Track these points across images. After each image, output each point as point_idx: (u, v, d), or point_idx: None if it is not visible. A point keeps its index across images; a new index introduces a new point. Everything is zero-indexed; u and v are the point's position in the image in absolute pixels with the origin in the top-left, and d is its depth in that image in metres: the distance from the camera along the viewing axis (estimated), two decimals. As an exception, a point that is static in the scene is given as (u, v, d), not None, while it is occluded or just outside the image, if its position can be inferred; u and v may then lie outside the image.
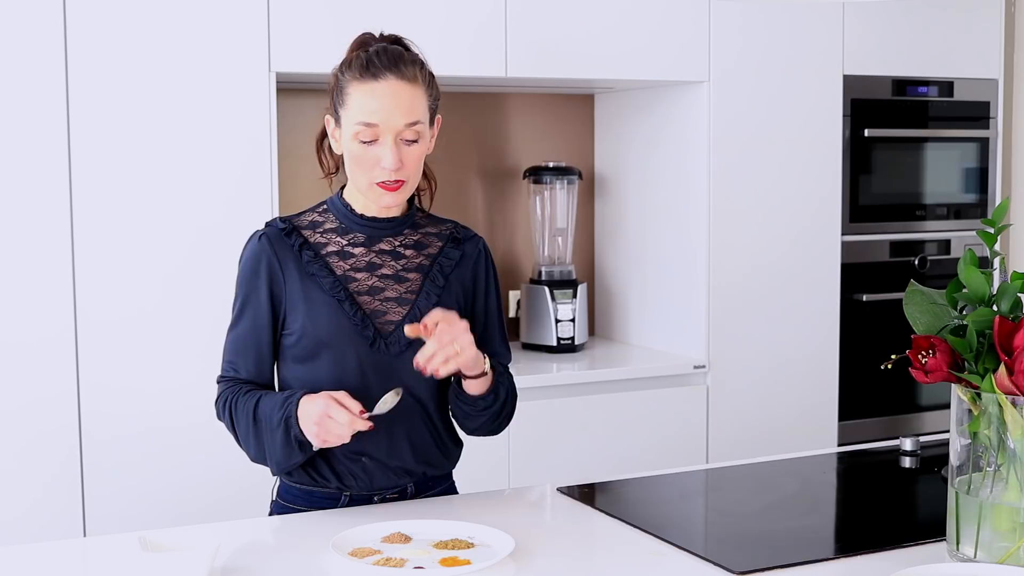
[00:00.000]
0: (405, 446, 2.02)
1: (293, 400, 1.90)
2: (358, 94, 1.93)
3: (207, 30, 2.93)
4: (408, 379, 1.98)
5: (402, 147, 1.94)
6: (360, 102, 1.93)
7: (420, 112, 1.95)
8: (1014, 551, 1.63)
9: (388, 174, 1.93)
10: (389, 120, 1.92)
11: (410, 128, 1.93)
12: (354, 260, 2.01)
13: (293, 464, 1.95)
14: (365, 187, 1.97)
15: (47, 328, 2.82)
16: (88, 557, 1.85)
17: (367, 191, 1.98)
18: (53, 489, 2.84)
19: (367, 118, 1.92)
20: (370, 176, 1.95)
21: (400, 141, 1.93)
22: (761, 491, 2.19)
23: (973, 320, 1.65)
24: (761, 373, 3.64)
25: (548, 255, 3.78)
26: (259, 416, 1.94)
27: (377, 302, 2.00)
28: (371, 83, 1.93)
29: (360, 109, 1.93)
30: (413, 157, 1.95)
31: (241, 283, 2.02)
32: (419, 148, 1.96)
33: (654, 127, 3.72)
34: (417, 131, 1.94)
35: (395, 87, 1.92)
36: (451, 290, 2.05)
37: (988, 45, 3.93)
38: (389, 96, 1.92)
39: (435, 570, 1.65)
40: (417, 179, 2.01)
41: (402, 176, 1.95)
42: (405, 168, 1.94)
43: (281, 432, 1.90)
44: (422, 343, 1.91)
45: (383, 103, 1.92)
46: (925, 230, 3.89)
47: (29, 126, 2.78)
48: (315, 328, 1.97)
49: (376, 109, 1.92)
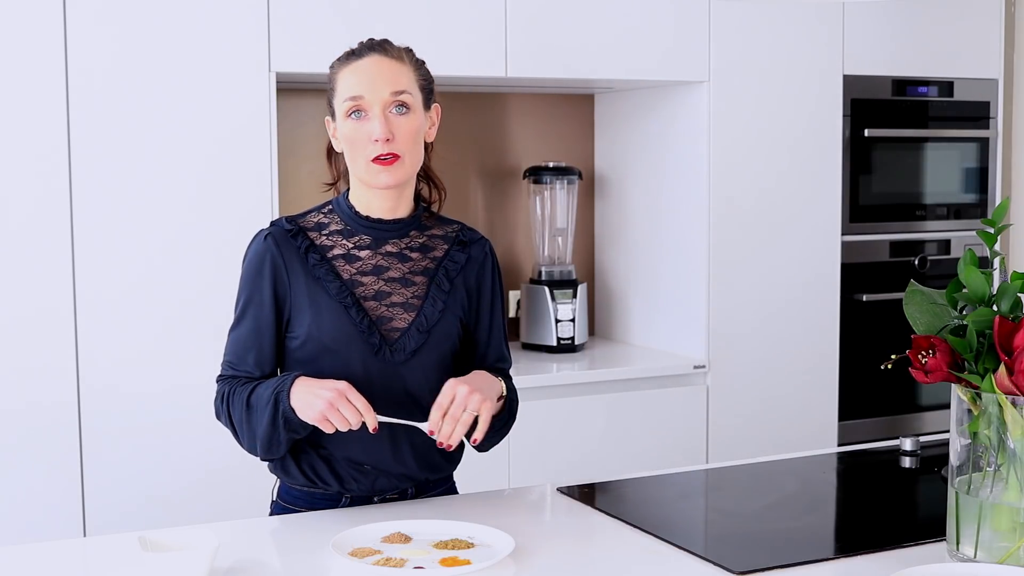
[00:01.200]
0: (408, 454, 2.01)
1: (289, 377, 1.89)
2: (343, 75, 1.97)
3: (207, 30, 2.93)
4: (412, 386, 1.97)
5: (391, 118, 1.94)
6: (345, 81, 1.96)
7: (406, 83, 1.96)
8: (1014, 551, 1.63)
9: (380, 146, 1.92)
10: (373, 90, 1.93)
11: (396, 97, 1.94)
12: (360, 263, 2.00)
13: (276, 444, 1.92)
14: (363, 169, 1.96)
15: (47, 327, 2.82)
16: (88, 557, 1.85)
17: (365, 173, 1.96)
18: (53, 489, 2.83)
19: (352, 91, 1.95)
20: (365, 154, 1.94)
21: (389, 113, 1.94)
22: (761, 491, 2.19)
23: (973, 320, 1.65)
24: (761, 373, 3.64)
25: (548, 255, 3.78)
26: (252, 401, 1.92)
27: (383, 307, 1.99)
28: (355, 62, 1.97)
29: (346, 86, 1.96)
30: (404, 129, 1.94)
31: (244, 282, 2.00)
32: (410, 121, 1.95)
33: (654, 127, 3.72)
34: (404, 101, 1.94)
35: (378, 61, 1.96)
36: (456, 294, 2.04)
37: (988, 45, 3.93)
38: (372, 67, 1.95)
39: (435, 570, 1.65)
40: (415, 159, 1.98)
41: (395, 149, 1.93)
42: (397, 140, 1.93)
43: (270, 408, 1.88)
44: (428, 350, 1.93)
45: (367, 75, 1.95)
46: (925, 230, 3.89)
47: (29, 126, 2.78)
48: (320, 333, 1.95)
49: (360, 81, 1.95)
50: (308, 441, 1.98)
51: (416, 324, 1.98)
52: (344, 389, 1.85)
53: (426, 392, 1.98)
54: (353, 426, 1.85)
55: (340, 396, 1.84)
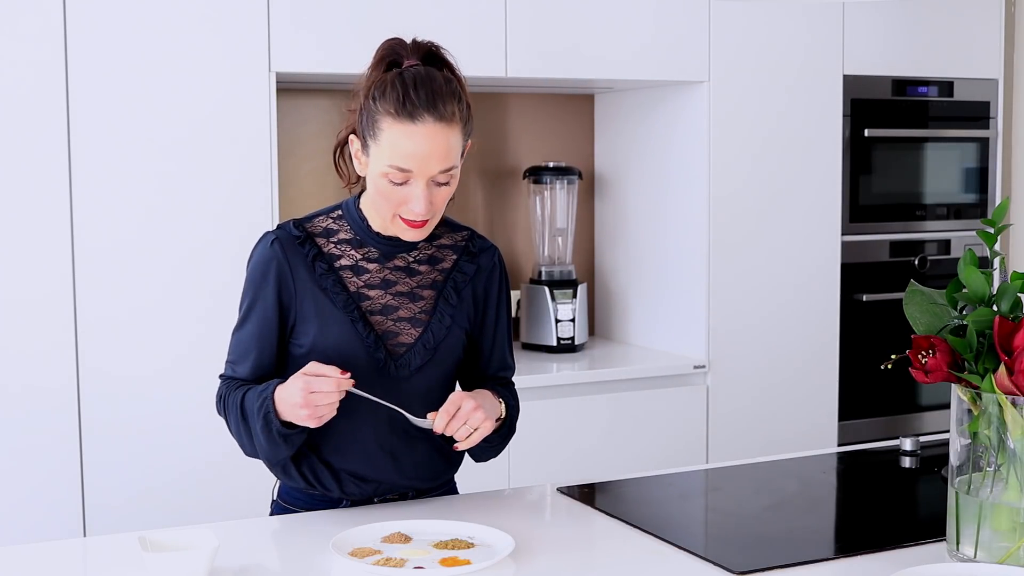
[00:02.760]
0: (410, 468, 2.01)
1: (268, 393, 1.87)
2: (392, 133, 1.83)
3: (207, 30, 2.92)
4: (414, 402, 1.95)
5: (432, 189, 1.87)
6: (394, 142, 1.83)
7: (455, 156, 1.87)
8: (1014, 551, 1.63)
9: (415, 215, 1.88)
10: (424, 167, 1.83)
11: (444, 173, 1.87)
12: (368, 276, 1.97)
13: (281, 458, 1.93)
14: (388, 218, 1.91)
15: (47, 328, 2.82)
16: (88, 557, 1.85)
17: (390, 222, 1.92)
18: (53, 489, 2.83)
19: (401, 163, 1.83)
20: (396, 211, 1.89)
21: (431, 184, 1.87)
22: (761, 491, 2.18)
23: (973, 320, 1.65)
24: (761, 373, 3.64)
25: (548, 255, 3.78)
26: (246, 410, 1.91)
27: (390, 322, 1.97)
28: (408, 125, 1.82)
29: (394, 150, 1.83)
30: (442, 198, 1.90)
31: (249, 285, 1.97)
32: (449, 189, 1.90)
33: (654, 127, 3.71)
34: (451, 175, 1.88)
35: (432, 131, 1.83)
36: (463, 307, 2.03)
37: (988, 45, 3.93)
38: (426, 141, 1.82)
39: (435, 570, 1.65)
40: (441, 213, 1.95)
41: (428, 215, 1.89)
42: (433, 207, 1.89)
43: (263, 427, 1.87)
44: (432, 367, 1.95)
45: (419, 148, 1.82)
46: (925, 230, 3.89)
47: (29, 126, 2.78)
48: (325, 345, 1.93)
49: (411, 155, 1.83)
50: (310, 447, 1.98)
51: (423, 340, 1.97)
52: (308, 371, 1.82)
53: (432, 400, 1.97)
54: (335, 406, 1.81)
55: (308, 380, 1.80)
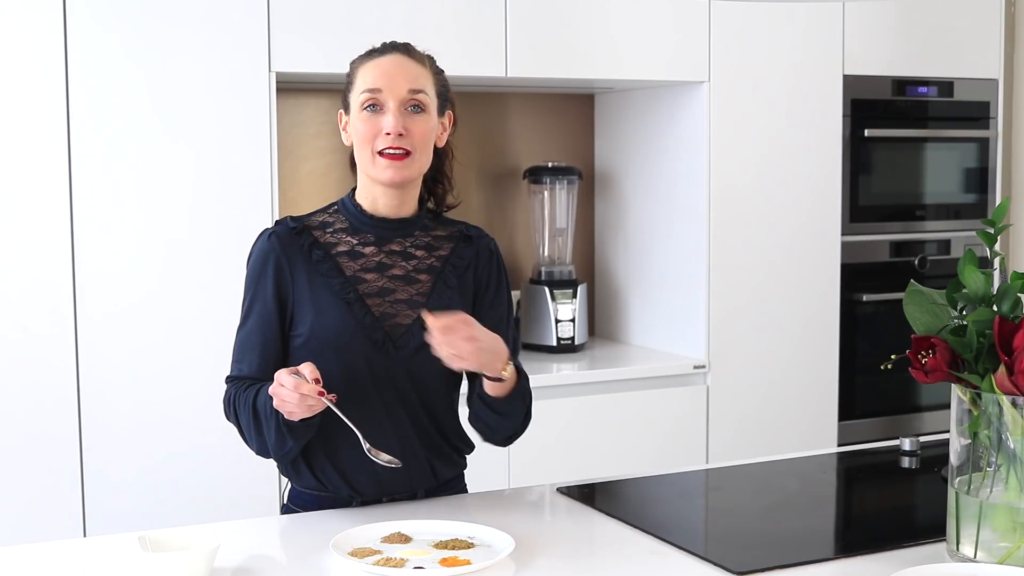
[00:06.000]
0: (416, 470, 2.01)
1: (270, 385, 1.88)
2: (363, 70, 1.99)
3: (207, 30, 2.92)
4: (416, 384, 1.97)
5: (406, 115, 1.95)
6: (364, 75, 1.98)
7: (424, 84, 1.98)
8: (1014, 551, 1.63)
9: (391, 139, 1.92)
10: (392, 85, 1.95)
11: (413, 96, 1.95)
12: (364, 260, 1.99)
13: (287, 451, 1.92)
14: (370, 162, 1.96)
15: (47, 328, 2.82)
16: (88, 557, 1.85)
17: (372, 166, 1.96)
18: (53, 489, 2.83)
19: (370, 84, 1.96)
20: (374, 145, 1.94)
21: (404, 110, 1.95)
22: (761, 491, 2.19)
23: (973, 320, 1.65)
24: (761, 373, 3.64)
25: (548, 255, 3.78)
26: (257, 407, 1.91)
27: (387, 304, 1.98)
28: (376, 58, 1.99)
29: (364, 80, 1.97)
30: (418, 128, 1.95)
31: (249, 282, 2.00)
32: (424, 121, 1.96)
33: (654, 127, 3.71)
34: (420, 100, 1.96)
35: (399, 59, 1.98)
36: (461, 291, 2.04)
37: (988, 45, 3.93)
38: (393, 65, 1.97)
39: (435, 570, 1.65)
40: (424, 160, 1.99)
41: (406, 145, 1.93)
42: (409, 137, 1.93)
43: (273, 418, 1.87)
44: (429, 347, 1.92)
45: (387, 71, 1.96)
46: (925, 230, 3.89)
47: (29, 126, 2.78)
48: (323, 330, 1.94)
49: (379, 76, 1.96)
50: (319, 447, 1.97)
51: (420, 323, 1.97)
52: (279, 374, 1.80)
53: (436, 385, 1.97)
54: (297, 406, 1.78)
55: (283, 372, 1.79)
